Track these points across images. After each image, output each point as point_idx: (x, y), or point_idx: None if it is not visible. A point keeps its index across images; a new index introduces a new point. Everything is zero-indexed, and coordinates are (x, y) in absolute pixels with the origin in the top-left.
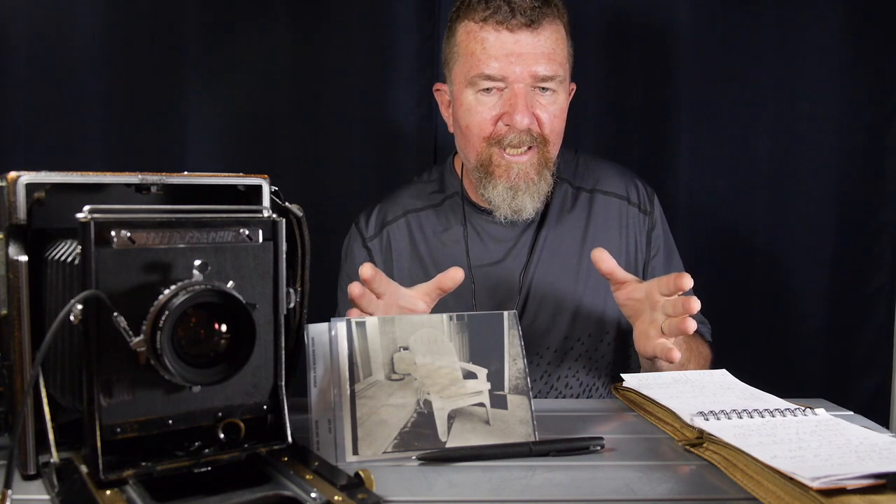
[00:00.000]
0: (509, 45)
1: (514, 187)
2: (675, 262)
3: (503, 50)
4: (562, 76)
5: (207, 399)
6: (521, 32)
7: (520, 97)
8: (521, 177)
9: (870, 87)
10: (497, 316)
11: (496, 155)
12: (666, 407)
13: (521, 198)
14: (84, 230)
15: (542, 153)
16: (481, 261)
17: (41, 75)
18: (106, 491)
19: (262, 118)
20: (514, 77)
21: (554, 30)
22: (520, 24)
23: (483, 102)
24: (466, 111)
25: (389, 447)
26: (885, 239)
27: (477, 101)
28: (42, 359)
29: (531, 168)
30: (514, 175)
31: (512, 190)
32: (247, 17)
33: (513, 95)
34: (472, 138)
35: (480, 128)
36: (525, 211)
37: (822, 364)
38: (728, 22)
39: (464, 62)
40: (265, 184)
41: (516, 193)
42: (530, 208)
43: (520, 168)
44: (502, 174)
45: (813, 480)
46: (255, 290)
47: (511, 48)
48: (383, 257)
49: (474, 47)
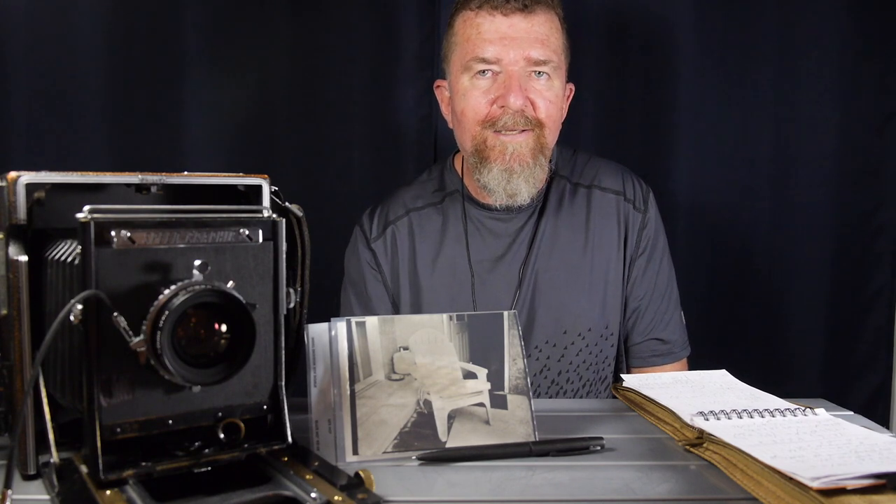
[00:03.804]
0: (503, 29)
1: (508, 169)
2: (654, 268)
3: (497, 34)
4: (556, 62)
5: (207, 399)
6: (515, 16)
7: (513, 79)
8: (516, 158)
9: (870, 87)
10: (497, 316)
11: (491, 138)
12: (666, 407)
13: (516, 181)
14: (84, 230)
15: (538, 137)
16: (482, 256)
17: (41, 75)
18: (106, 491)
19: (262, 118)
20: (507, 60)
21: (548, 17)
22: (514, 8)
23: (478, 86)
24: (462, 96)
25: (389, 447)
26: (885, 239)
27: (472, 86)
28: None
29: (526, 149)
30: (508, 156)
31: (507, 172)
32: (247, 16)
33: (507, 77)
34: (467, 123)
35: (475, 111)
36: (520, 195)
37: (822, 364)
38: (728, 22)
39: (460, 49)
40: (265, 184)
41: (511, 176)
42: (525, 193)
43: (514, 148)
44: (497, 156)
45: (813, 480)
46: (255, 290)
47: (505, 31)
48: (388, 257)
49: (470, 33)
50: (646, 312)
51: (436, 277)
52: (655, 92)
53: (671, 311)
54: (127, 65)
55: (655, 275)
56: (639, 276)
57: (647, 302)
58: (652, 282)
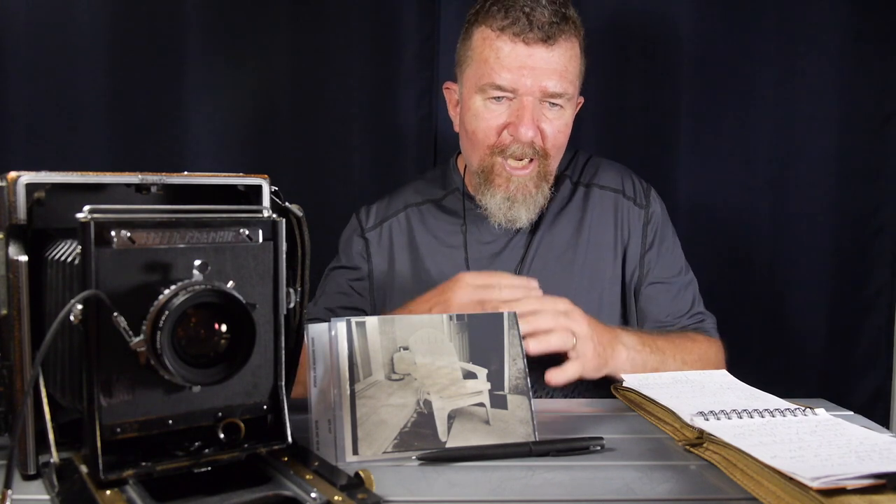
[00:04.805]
0: (523, 58)
1: (511, 198)
2: (667, 258)
3: (516, 62)
4: (570, 94)
5: (207, 399)
6: (535, 46)
7: (527, 110)
8: (520, 189)
9: (870, 87)
10: (497, 316)
11: (498, 165)
12: (666, 407)
13: (517, 209)
14: (84, 230)
15: (543, 166)
16: (479, 253)
17: (41, 75)
18: (106, 491)
19: (262, 118)
20: (523, 90)
21: (569, 47)
22: (536, 38)
23: (491, 110)
24: (474, 116)
25: (389, 447)
26: (885, 239)
27: (485, 108)
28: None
29: (530, 181)
30: (513, 187)
31: (509, 201)
32: (247, 17)
33: (521, 107)
34: (476, 144)
35: (486, 135)
36: (519, 221)
37: (822, 364)
38: (728, 22)
39: (476, 68)
40: (265, 184)
41: (513, 204)
42: (524, 219)
43: (519, 181)
44: (502, 184)
45: (813, 480)
46: (255, 290)
47: (524, 61)
48: (381, 249)
49: (488, 55)
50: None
51: (432, 273)
52: (656, 92)
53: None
54: (127, 65)
55: (667, 264)
56: (652, 270)
57: (667, 289)
58: (666, 271)
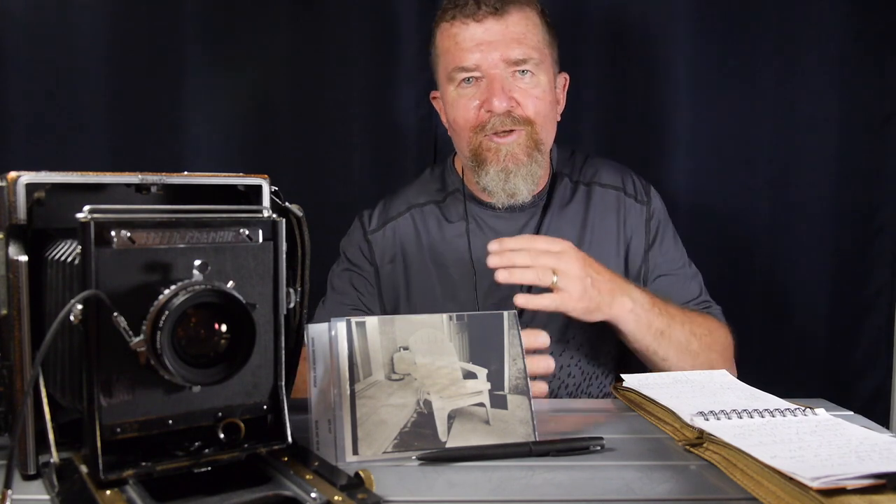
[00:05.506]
0: (479, 35)
1: (504, 170)
2: (671, 252)
3: (473, 41)
4: (536, 58)
5: (207, 399)
6: (487, 21)
7: (495, 82)
8: (510, 158)
9: (870, 87)
10: (497, 316)
11: (485, 142)
12: (666, 407)
13: (514, 180)
14: (84, 230)
15: (530, 135)
16: (484, 253)
17: (41, 75)
18: (106, 491)
19: (262, 118)
20: (487, 64)
21: (522, 15)
22: (485, 13)
23: (464, 95)
24: (452, 106)
25: (389, 447)
26: (885, 239)
27: (459, 95)
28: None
29: (519, 149)
30: (503, 157)
31: (503, 172)
32: (247, 17)
33: (489, 82)
34: (460, 131)
35: (465, 119)
36: (520, 194)
37: (822, 364)
38: (728, 22)
39: (443, 61)
40: (265, 184)
41: (508, 176)
42: (525, 191)
43: (508, 149)
44: (492, 158)
45: (813, 480)
46: (255, 290)
47: (481, 37)
48: (385, 251)
49: (448, 44)
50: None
51: (437, 273)
52: (655, 92)
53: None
54: (127, 65)
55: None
56: (657, 265)
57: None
58: (671, 264)
